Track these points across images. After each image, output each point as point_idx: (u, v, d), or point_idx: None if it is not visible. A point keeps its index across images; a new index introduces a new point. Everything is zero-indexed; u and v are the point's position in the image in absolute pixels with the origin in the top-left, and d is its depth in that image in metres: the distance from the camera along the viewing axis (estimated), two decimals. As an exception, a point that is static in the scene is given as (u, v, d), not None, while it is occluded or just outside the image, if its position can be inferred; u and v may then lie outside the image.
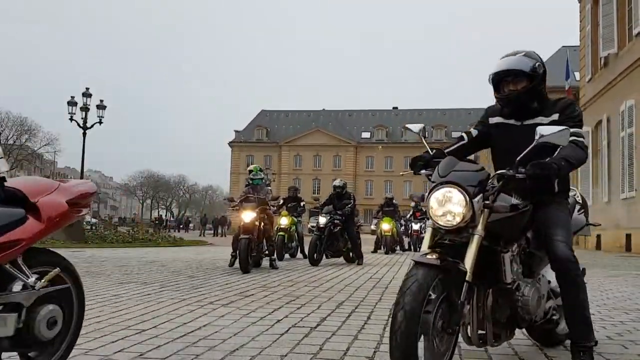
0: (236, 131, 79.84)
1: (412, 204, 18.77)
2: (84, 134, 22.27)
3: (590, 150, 21.42)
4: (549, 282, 2.97)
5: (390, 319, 2.32)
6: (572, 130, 2.62)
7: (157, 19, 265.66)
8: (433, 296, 2.27)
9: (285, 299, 5.35)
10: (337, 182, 11.51)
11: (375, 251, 15.49)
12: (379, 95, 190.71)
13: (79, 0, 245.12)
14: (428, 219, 2.57)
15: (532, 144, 2.49)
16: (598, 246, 20.24)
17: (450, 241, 2.47)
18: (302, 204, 13.05)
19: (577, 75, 25.76)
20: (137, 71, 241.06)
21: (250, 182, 9.44)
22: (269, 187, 10.84)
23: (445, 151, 2.97)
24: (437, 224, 2.45)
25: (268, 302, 5.13)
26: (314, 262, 9.91)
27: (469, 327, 2.51)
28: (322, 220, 10.63)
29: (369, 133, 75.91)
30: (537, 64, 2.88)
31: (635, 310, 5.07)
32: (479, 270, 2.40)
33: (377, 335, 3.63)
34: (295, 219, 12.35)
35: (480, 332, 2.57)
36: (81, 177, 24.38)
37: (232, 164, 78.09)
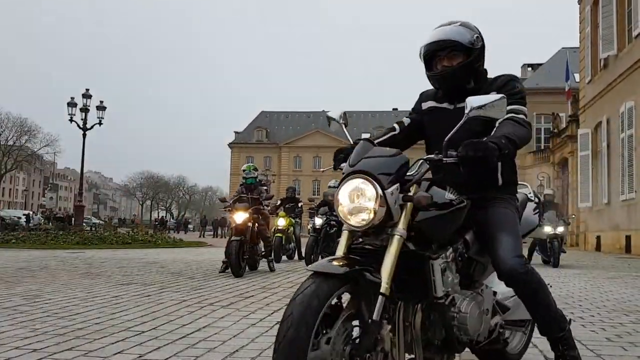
0: (236, 132, 79.86)
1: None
2: (84, 135, 22.27)
3: (589, 152, 21.46)
4: (495, 293, 2.50)
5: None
6: (510, 107, 2.23)
7: (159, 19, 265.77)
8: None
9: (285, 300, 5.35)
10: (332, 183, 11.29)
11: None
12: (379, 97, 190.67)
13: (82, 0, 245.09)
14: None
15: (463, 119, 2.05)
16: (598, 247, 20.24)
17: (371, 245, 2.01)
18: (300, 204, 12.80)
19: (577, 76, 25.76)
20: (137, 72, 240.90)
21: (244, 181, 9.09)
22: (265, 187, 10.41)
23: (376, 142, 2.42)
24: (348, 223, 1.97)
25: (268, 303, 5.13)
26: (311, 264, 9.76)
27: (393, 353, 1.92)
28: (318, 221, 10.47)
29: (369, 134, 75.78)
30: (475, 36, 2.45)
31: (635, 312, 5.07)
32: (403, 281, 1.96)
33: (377, 337, 3.63)
34: (293, 220, 12.14)
35: (409, 358, 2.06)
36: (81, 178, 24.40)
37: (232, 165, 78.03)
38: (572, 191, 26.94)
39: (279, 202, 12.32)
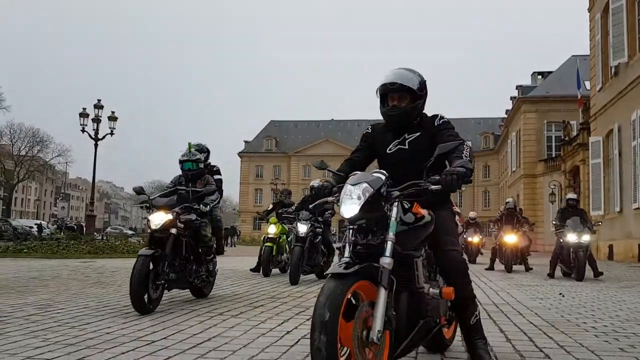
0: (245, 141, 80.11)
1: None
2: (96, 145, 22.48)
3: (601, 160, 21.31)
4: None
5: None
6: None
7: (168, 30, 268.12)
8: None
9: (295, 309, 5.34)
10: (315, 183, 9.57)
11: None
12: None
13: (92, 11, 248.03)
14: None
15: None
16: (610, 256, 20.04)
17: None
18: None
19: (588, 84, 25.63)
20: (147, 82, 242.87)
21: (181, 166, 6.33)
22: (219, 176, 7.47)
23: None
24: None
25: (277, 313, 5.12)
26: (296, 281, 8.13)
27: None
28: (303, 228, 8.69)
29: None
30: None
31: (649, 322, 5.01)
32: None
33: (387, 347, 3.61)
34: (286, 227, 10.28)
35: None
36: (93, 188, 24.58)
37: (242, 174, 78.25)
38: (583, 199, 26.73)
39: (270, 207, 10.99)
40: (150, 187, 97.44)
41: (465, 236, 17.42)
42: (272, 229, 10.06)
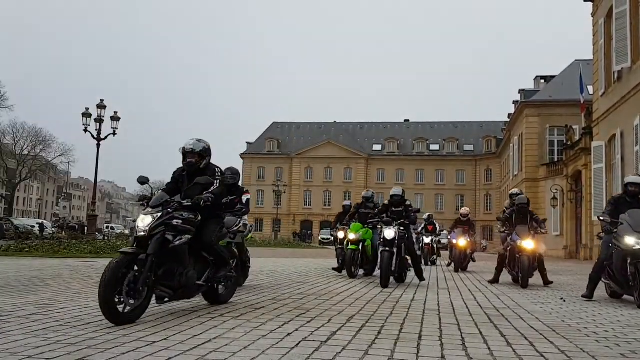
0: (248, 143, 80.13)
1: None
2: (98, 145, 22.51)
3: (603, 165, 21.30)
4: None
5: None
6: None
7: (168, 29, 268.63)
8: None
9: (296, 312, 5.34)
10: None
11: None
12: (390, 108, 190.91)
13: (96, 12, 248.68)
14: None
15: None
16: (612, 262, 19.98)
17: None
18: (245, 198, 7.74)
19: (591, 89, 25.62)
20: (147, 81, 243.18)
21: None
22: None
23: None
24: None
25: (278, 315, 5.12)
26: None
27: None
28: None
29: (380, 145, 75.80)
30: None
31: (650, 327, 5.00)
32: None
33: (388, 351, 3.61)
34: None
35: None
36: (94, 188, 24.60)
37: (244, 175, 78.15)
38: (585, 204, 26.69)
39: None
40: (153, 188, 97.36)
41: (450, 238, 15.05)
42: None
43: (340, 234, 12.17)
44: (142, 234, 4.63)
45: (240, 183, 7.85)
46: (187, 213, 5.01)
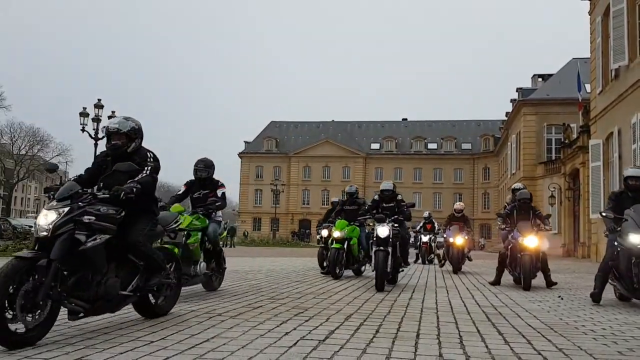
0: (246, 142, 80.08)
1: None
2: (96, 145, 22.48)
3: (601, 163, 21.32)
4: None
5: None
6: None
7: (168, 29, 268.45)
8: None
9: (294, 311, 5.34)
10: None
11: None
12: (388, 107, 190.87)
13: (92, 11, 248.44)
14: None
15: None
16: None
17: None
18: (221, 192, 7.02)
19: (588, 87, 25.65)
20: (146, 81, 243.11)
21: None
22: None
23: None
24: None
25: (276, 314, 5.12)
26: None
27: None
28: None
29: (379, 144, 75.83)
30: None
31: (648, 325, 5.01)
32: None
33: (386, 349, 3.62)
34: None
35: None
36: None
37: (242, 175, 78.22)
38: (583, 202, 26.73)
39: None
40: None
41: (445, 235, 13.42)
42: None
43: (325, 232, 11.31)
44: (44, 234, 3.70)
45: (215, 176, 7.10)
46: (106, 208, 4.07)
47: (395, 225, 8.42)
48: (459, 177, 72.12)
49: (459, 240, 12.59)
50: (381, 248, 7.87)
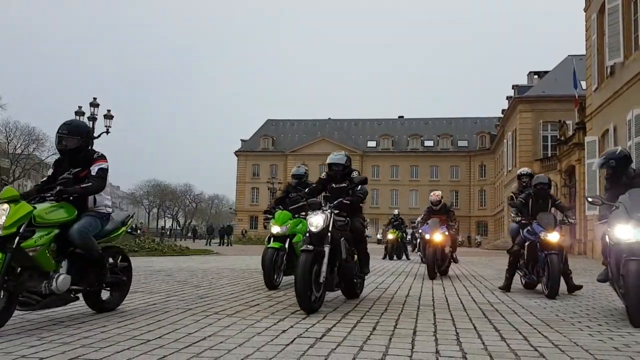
0: (242, 140, 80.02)
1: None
2: (92, 144, 22.39)
3: (596, 160, 21.38)
4: None
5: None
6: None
7: (164, 29, 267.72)
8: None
9: (291, 308, 5.34)
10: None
11: (384, 258, 17.88)
12: (384, 105, 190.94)
13: (87, 11, 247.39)
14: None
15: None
16: (606, 256, 20.07)
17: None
18: (97, 167, 5.01)
19: (584, 84, 25.71)
20: (143, 80, 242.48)
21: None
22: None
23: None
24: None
25: (273, 312, 5.13)
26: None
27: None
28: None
29: (375, 142, 75.86)
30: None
31: (643, 321, 5.02)
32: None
33: (383, 347, 3.62)
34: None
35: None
36: (88, 187, 24.43)
37: (238, 173, 78.19)
38: (579, 199, 26.81)
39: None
40: (147, 186, 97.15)
41: (422, 231, 11.65)
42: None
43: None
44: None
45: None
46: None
47: (344, 215, 5.83)
48: (456, 175, 72.21)
49: (437, 237, 9.88)
50: (309, 247, 5.19)
